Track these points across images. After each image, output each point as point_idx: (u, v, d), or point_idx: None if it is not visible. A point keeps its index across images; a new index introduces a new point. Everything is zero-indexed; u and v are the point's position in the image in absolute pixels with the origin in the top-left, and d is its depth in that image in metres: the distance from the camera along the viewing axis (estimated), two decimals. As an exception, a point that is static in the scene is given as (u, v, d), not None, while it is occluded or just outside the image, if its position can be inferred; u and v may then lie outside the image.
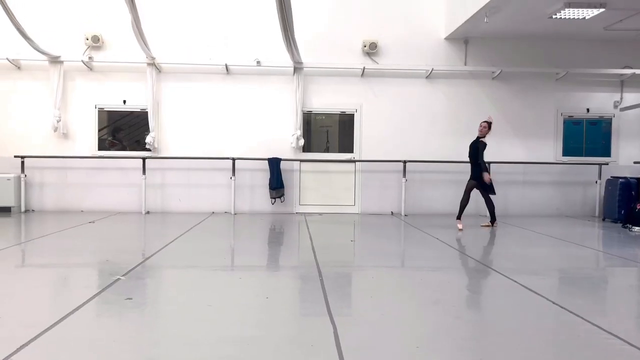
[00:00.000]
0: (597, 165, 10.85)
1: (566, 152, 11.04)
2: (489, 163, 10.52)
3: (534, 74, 10.77)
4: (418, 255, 6.65)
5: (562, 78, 10.76)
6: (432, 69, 10.53)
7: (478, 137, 8.91)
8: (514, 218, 10.24)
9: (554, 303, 4.28)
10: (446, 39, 10.67)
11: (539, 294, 4.51)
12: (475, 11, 8.91)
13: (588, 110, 11.04)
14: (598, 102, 11.07)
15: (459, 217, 8.88)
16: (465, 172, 10.59)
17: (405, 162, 10.47)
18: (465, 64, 10.74)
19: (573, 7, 8.42)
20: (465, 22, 9.50)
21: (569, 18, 8.95)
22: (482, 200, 9.25)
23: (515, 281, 4.96)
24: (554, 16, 8.93)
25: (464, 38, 10.62)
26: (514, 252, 6.88)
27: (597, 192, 10.84)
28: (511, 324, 3.83)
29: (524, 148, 10.88)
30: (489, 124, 8.87)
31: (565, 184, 10.99)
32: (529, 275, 5.26)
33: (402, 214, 10.49)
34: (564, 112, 10.99)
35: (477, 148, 8.86)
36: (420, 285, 4.94)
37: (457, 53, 10.75)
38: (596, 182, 10.84)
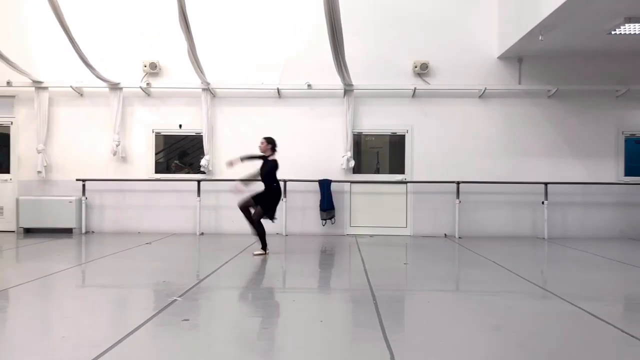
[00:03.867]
0: (663, 186, 10.37)
1: (628, 171, 10.59)
2: (547, 184, 10.26)
3: (592, 91, 10.44)
4: (474, 279, 6.48)
5: (623, 95, 10.38)
6: (485, 89, 10.37)
7: (267, 156, 8.00)
8: (573, 240, 9.86)
9: (622, 331, 4.06)
10: (499, 57, 10.50)
11: (605, 321, 4.30)
12: (529, 29, 8.75)
13: (651, 128, 10.61)
14: (662, 120, 10.62)
15: (263, 247, 7.90)
16: (522, 192, 10.40)
17: (458, 183, 10.29)
18: (520, 83, 10.53)
19: (634, 22, 8.14)
20: (519, 40, 9.34)
21: (630, 33, 8.64)
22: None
23: (579, 307, 4.75)
24: (612, 32, 8.66)
25: (517, 56, 10.43)
26: (576, 277, 6.60)
27: (663, 213, 10.35)
28: (577, 352, 3.65)
29: (583, 168, 10.50)
30: (268, 140, 8.04)
31: (628, 205, 10.52)
32: (593, 301, 5.02)
33: (456, 236, 10.27)
34: (625, 131, 10.58)
35: (273, 167, 7.91)
36: (478, 310, 4.79)
37: (511, 72, 10.56)
38: (662, 203, 10.35)
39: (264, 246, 7.94)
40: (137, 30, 10.69)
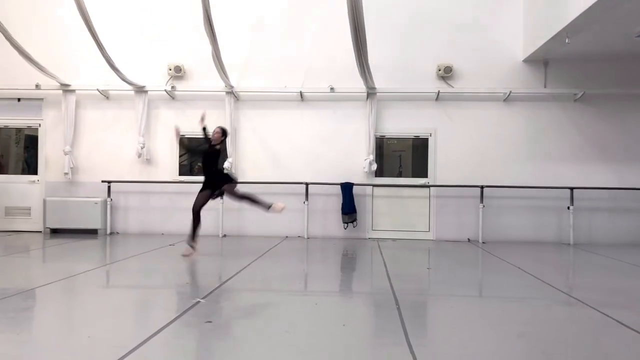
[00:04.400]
0: (694, 191, 10.12)
1: (659, 176, 10.36)
2: (572, 188, 10.10)
3: (620, 95, 10.23)
4: (498, 284, 6.40)
5: (652, 99, 10.18)
6: (510, 92, 10.26)
7: (212, 144, 7.88)
8: (599, 247, 9.68)
9: (652, 340, 3.97)
10: (524, 61, 10.38)
11: (634, 330, 4.21)
12: (555, 32, 8.62)
13: (682, 132, 10.37)
14: (693, 124, 10.37)
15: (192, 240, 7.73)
16: (547, 197, 10.25)
17: (482, 187, 10.19)
18: (545, 86, 10.38)
19: (664, 24, 7.99)
20: (545, 43, 9.21)
21: (660, 36, 8.48)
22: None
23: (607, 315, 4.65)
24: (642, 34, 8.50)
25: (543, 59, 10.29)
26: (603, 283, 6.48)
27: (694, 219, 10.10)
28: (605, 362, 3.58)
29: (611, 173, 10.30)
30: (223, 130, 7.99)
31: (658, 211, 10.30)
32: (620, 309, 4.91)
33: (480, 241, 10.16)
34: (654, 135, 10.37)
35: (217, 155, 7.96)
36: (502, 316, 4.73)
37: (536, 75, 10.42)
38: (693, 209, 10.11)
39: (194, 238, 7.69)
40: (162, 34, 10.81)
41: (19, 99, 11.02)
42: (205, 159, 8.04)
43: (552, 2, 8.91)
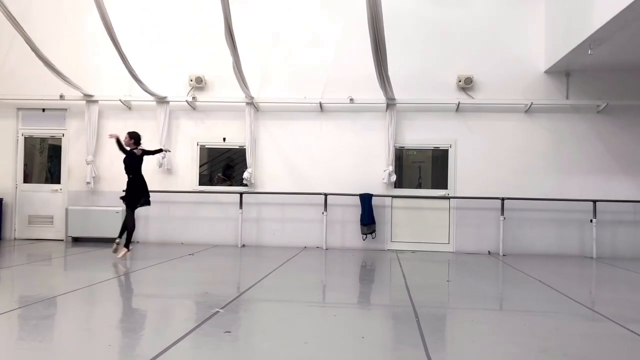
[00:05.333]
0: None
1: (683, 189, 10.16)
2: (595, 201, 9.95)
3: (644, 106, 10.10)
4: (519, 298, 6.30)
5: (677, 110, 10.01)
6: (532, 103, 10.17)
7: (132, 150, 8.54)
8: (623, 260, 9.51)
9: (680, 358, 3.87)
10: (546, 72, 10.29)
11: (661, 347, 4.11)
12: (578, 43, 8.54)
13: None
14: None
15: (126, 245, 8.49)
16: (569, 210, 10.13)
17: (503, 199, 10.08)
18: (567, 98, 10.27)
19: (689, 35, 7.86)
20: (567, 54, 9.12)
21: (685, 47, 8.34)
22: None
23: (632, 331, 4.55)
24: (667, 45, 8.38)
25: (565, 70, 10.19)
26: (627, 298, 6.34)
27: None
28: (631, 379, 3.49)
29: (634, 185, 10.13)
30: (130, 135, 8.57)
31: (683, 225, 10.09)
32: (647, 325, 4.81)
33: (500, 253, 10.05)
34: (679, 147, 10.18)
35: (140, 160, 8.65)
36: (524, 331, 4.65)
37: (558, 86, 10.32)
38: None
39: (129, 243, 8.52)
40: (183, 45, 10.95)
41: (43, 109, 11.23)
42: (131, 163, 8.61)
43: (574, 13, 8.83)
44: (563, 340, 4.36)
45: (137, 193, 8.61)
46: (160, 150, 9.50)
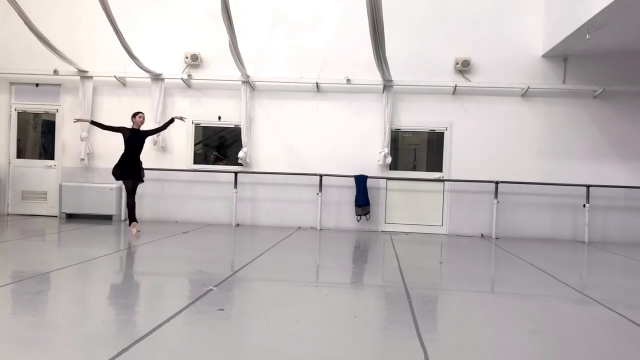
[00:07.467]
0: None
1: (676, 176, 10.21)
2: (589, 186, 10.00)
3: (641, 92, 10.10)
4: (511, 281, 6.36)
5: (674, 97, 10.01)
6: (528, 87, 10.15)
7: (138, 129, 8.93)
8: (615, 245, 9.59)
9: (667, 341, 3.92)
10: (543, 56, 10.26)
11: (649, 331, 4.16)
12: (576, 27, 8.50)
13: (703, 131, 10.19)
14: None
15: (134, 221, 8.76)
16: (563, 195, 10.17)
17: (497, 182, 10.12)
18: (564, 82, 10.26)
19: (688, 21, 7.83)
20: (566, 38, 9.09)
21: (683, 33, 8.32)
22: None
23: (622, 315, 4.61)
24: (665, 31, 8.35)
25: (562, 55, 10.16)
26: (618, 283, 6.40)
27: None
28: (619, 361, 3.55)
29: (630, 171, 10.17)
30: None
31: (675, 211, 10.17)
32: (635, 309, 4.87)
33: (493, 236, 10.11)
34: (674, 134, 10.21)
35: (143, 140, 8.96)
36: (515, 313, 4.70)
37: (555, 71, 10.29)
38: None
39: (135, 219, 8.76)
40: (179, 22, 10.83)
41: (37, 84, 11.12)
42: (138, 142, 8.91)
43: (574, -3, 8.78)
44: (553, 323, 4.41)
45: (139, 170, 8.96)
46: (172, 121, 9.23)
